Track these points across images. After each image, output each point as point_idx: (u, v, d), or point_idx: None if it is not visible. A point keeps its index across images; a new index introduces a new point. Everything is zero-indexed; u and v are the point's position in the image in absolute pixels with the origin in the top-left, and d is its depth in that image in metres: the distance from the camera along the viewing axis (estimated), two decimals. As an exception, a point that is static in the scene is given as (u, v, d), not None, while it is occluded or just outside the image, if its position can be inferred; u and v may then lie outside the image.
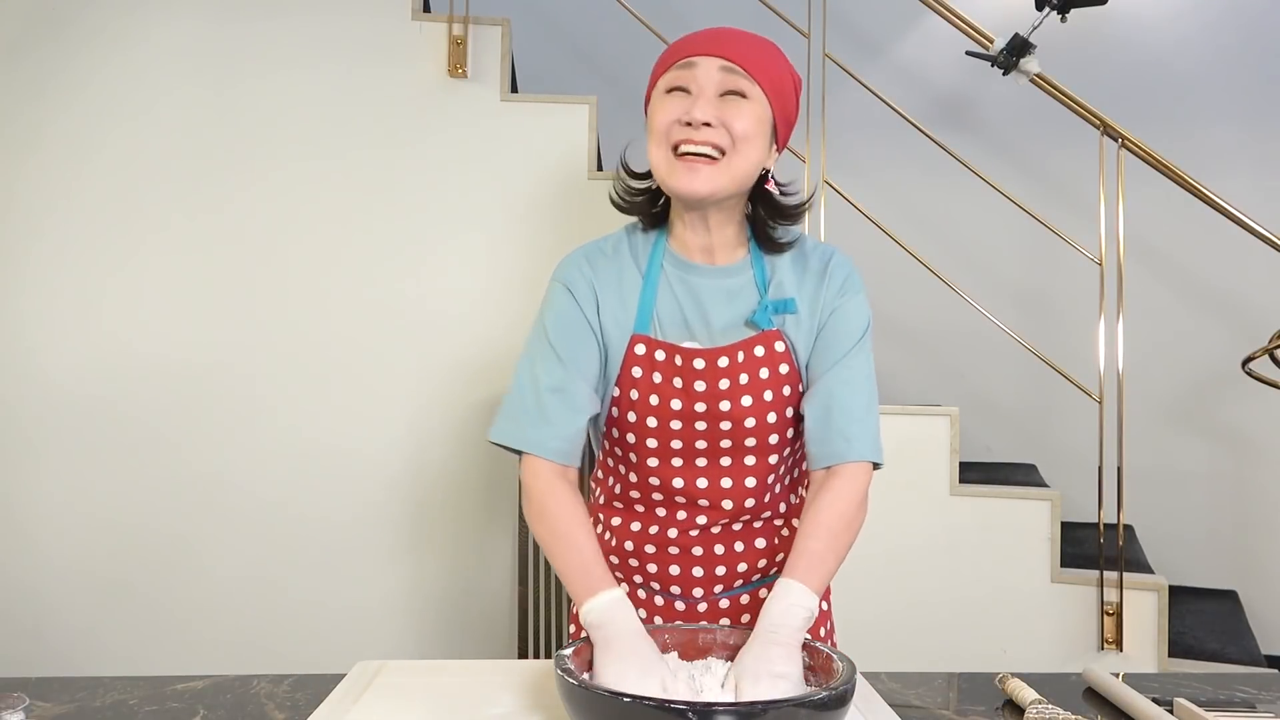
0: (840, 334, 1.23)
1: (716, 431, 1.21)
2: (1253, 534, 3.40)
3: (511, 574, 2.55)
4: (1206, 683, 1.22)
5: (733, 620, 1.27)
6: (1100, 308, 2.59)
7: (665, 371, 1.20)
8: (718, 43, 1.16)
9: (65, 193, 2.58)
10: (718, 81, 1.15)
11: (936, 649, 2.50)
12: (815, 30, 2.70)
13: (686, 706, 0.85)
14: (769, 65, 1.18)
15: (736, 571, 1.27)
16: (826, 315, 1.24)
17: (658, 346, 1.21)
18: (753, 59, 1.16)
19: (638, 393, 1.21)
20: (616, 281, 1.24)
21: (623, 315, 1.23)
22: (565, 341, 1.21)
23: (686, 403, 1.20)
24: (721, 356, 1.19)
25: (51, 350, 2.57)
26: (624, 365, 1.22)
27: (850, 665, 0.97)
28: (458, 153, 2.59)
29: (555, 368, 1.20)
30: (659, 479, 1.24)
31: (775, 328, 1.22)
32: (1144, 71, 3.54)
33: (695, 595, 1.27)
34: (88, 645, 2.56)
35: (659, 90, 1.19)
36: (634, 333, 1.22)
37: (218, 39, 2.60)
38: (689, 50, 1.17)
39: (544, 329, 1.23)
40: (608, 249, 1.27)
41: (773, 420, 1.21)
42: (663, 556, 1.27)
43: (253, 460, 2.58)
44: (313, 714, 1.03)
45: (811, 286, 1.24)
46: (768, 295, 1.23)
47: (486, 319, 2.59)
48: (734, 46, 1.16)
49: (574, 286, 1.23)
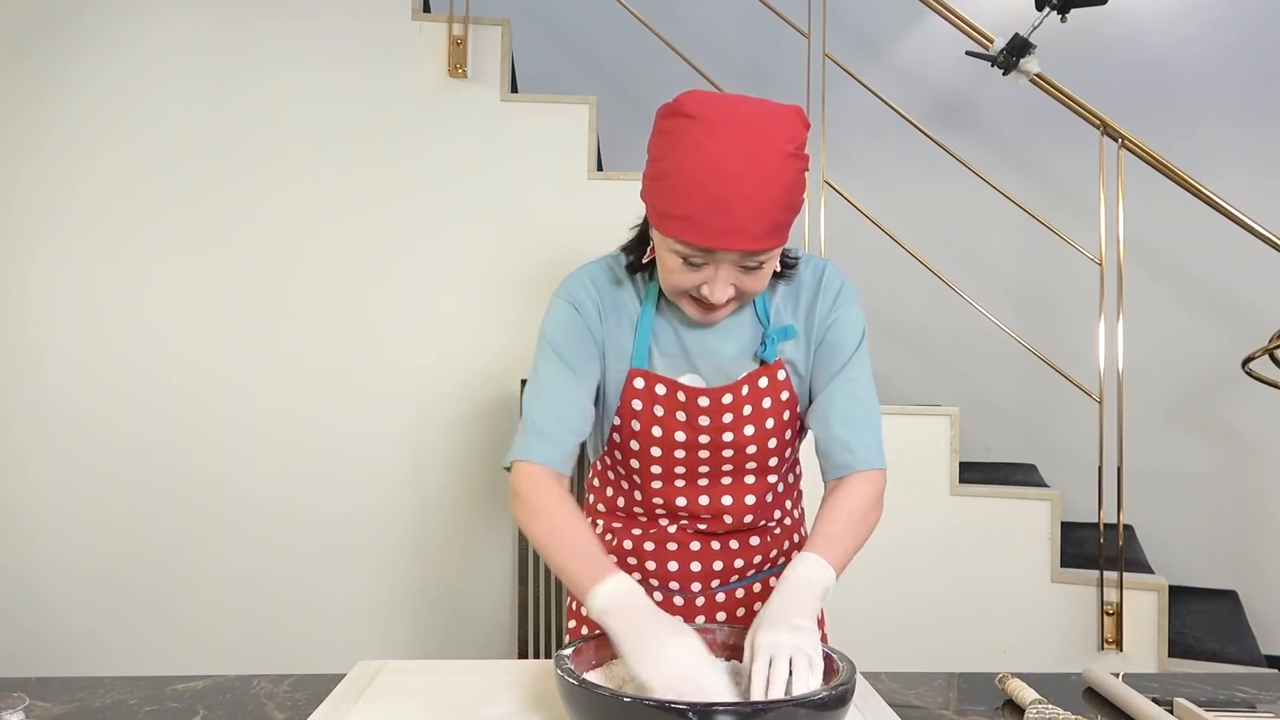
0: (838, 347, 1.24)
1: (719, 457, 1.23)
2: (1253, 534, 3.40)
3: (511, 574, 2.55)
4: (1206, 683, 1.22)
5: (729, 615, 1.29)
6: (1100, 308, 2.59)
7: (667, 405, 1.21)
8: (739, 234, 1.05)
9: (65, 195, 2.58)
10: (736, 261, 1.09)
11: (936, 649, 2.50)
12: (815, 30, 2.70)
13: (687, 706, 0.85)
14: (789, 218, 1.10)
15: (733, 568, 1.30)
16: (824, 331, 1.24)
17: (658, 381, 1.21)
18: (774, 232, 1.08)
19: (639, 424, 1.23)
20: (618, 306, 1.24)
21: (623, 342, 1.23)
22: (571, 349, 1.21)
23: (690, 434, 1.22)
24: (725, 394, 1.21)
25: (53, 351, 2.57)
26: (623, 398, 1.23)
27: (850, 665, 0.97)
28: (458, 153, 2.59)
29: (560, 373, 1.20)
30: (662, 498, 1.27)
31: (779, 359, 1.23)
32: (1144, 71, 3.54)
33: (693, 590, 1.29)
34: (89, 645, 2.56)
35: (669, 245, 1.10)
36: (632, 366, 1.22)
37: (218, 40, 2.60)
38: (706, 239, 1.06)
39: (549, 343, 1.22)
40: (611, 272, 1.26)
41: (773, 445, 1.24)
42: (661, 554, 1.29)
43: (253, 460, 2.58)
44: (313, 714, 1.03)
45: (806, 302, 1.25)
46: (770, 326, 1.23)
47: (486, 319, 2.59)
48: (757, 231, 1.06)
49: (580, 304, 1.23)
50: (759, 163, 1.04)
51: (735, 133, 1.04)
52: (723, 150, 1.04)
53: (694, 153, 1.05)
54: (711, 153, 1.04)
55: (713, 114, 1.05)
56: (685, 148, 1.06)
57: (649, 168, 1.12)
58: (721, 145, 1.04)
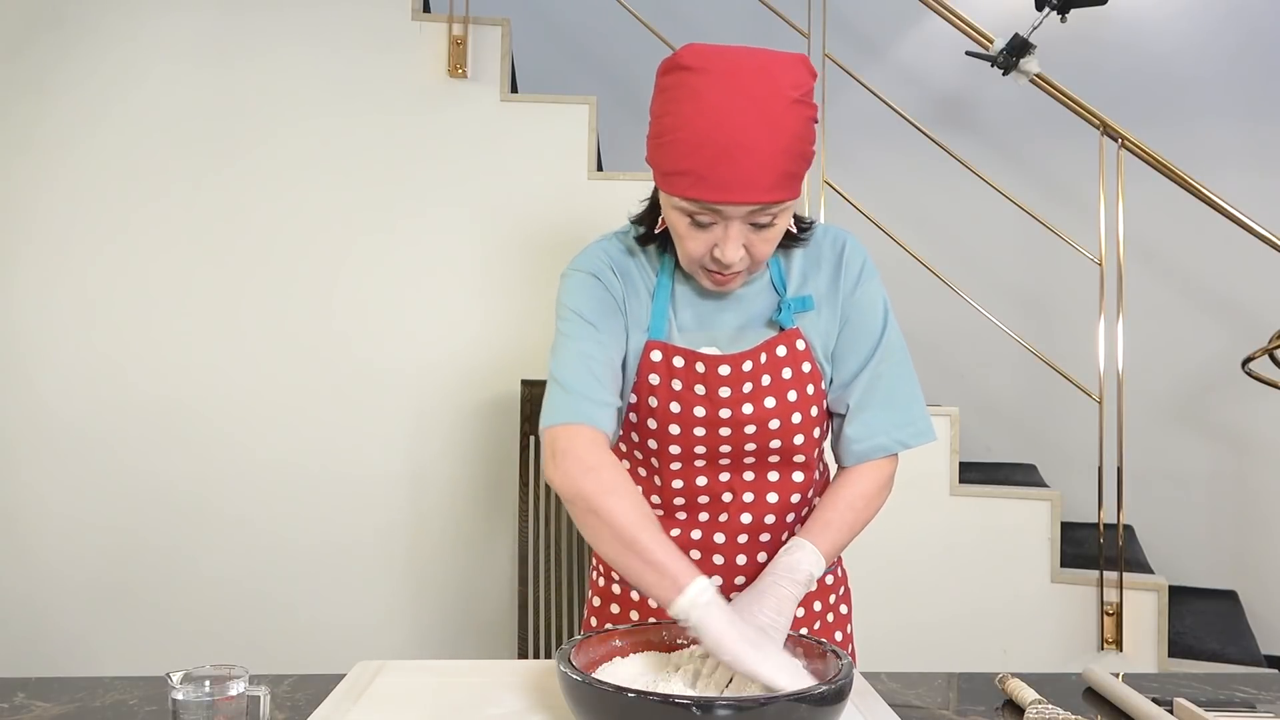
0: (865, 329, 1.22)
1: (741, 435, 1.19)
2: (1253, 534, 3.40)
3: (511, 574, 2.55)
4: (1206, 683, 1.22)
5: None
6: (1100, 308, 2.59)
7: (685, 378, 1.18)
8: (749, 185, 1.03)
9: (58, 195, 2.57)
10: (746, 216, 1.07)
11: (936, 649, 2.50)
12: (815, 30, 2.70)
13: (690, 702, 0.85)
14: (799, 168, 1.06)
15: (755, 578, 1.27)
16: (848, 309, 1.22)
17: (676, 353, 1.18)
18: (784, 183, 1.05)
19: (657, 400, 1.19)
20: (635, 277, 1.22)
21: (641, 314, 1.21)
22: (598, 315, 1.18)
23: (710, 409, 1.18)
24: (745, 361, 1.18)
25: (46, 357, 2.56)
26: (640, 372, 1.19)
27: (847, 661, 0.97)
28: (457, 153, 2.59)
29: (590, 340, 1.16)
30: (682, 481, 1.22)
31: (796, 326, 1.21)
32: (1144, 71, 3.54)
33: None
34: (85, 651, 2.55)
35: (675, 202, 1.08)
36: (649, 338, 1.20)
37: (214, 40, 2.60)
38: (714, 193, 1.03)
39: (572, 311, 1.18)
40: (623, 245, 1.24)
41: (797, 420, 1.20)
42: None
43: (251, 462, 2.57)
44: (313, 714, 1.02)
45: (827, 277, 1.23)
46: (787, 293, 1.21)
47: (486, 320, 2.59)
48: (765, 182, 1.03)
49: (600, 274, 1.21)
50: (763, 109, 1.00)
51: (736, 81, 1.01)
52: (724, 99, 1.00)
53: (694, 104, 1.02)
54: (712, 103, 1.01)
55: (712, 64, 1.02)
56: (685, 100, 1.03)
57: (651, 127, 1.09)
58: (722, 95, 1.01)
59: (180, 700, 0.92)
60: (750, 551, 1.24)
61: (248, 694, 0.95)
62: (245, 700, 0.95)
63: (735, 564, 1.25)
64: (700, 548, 1.25)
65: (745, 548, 1.24)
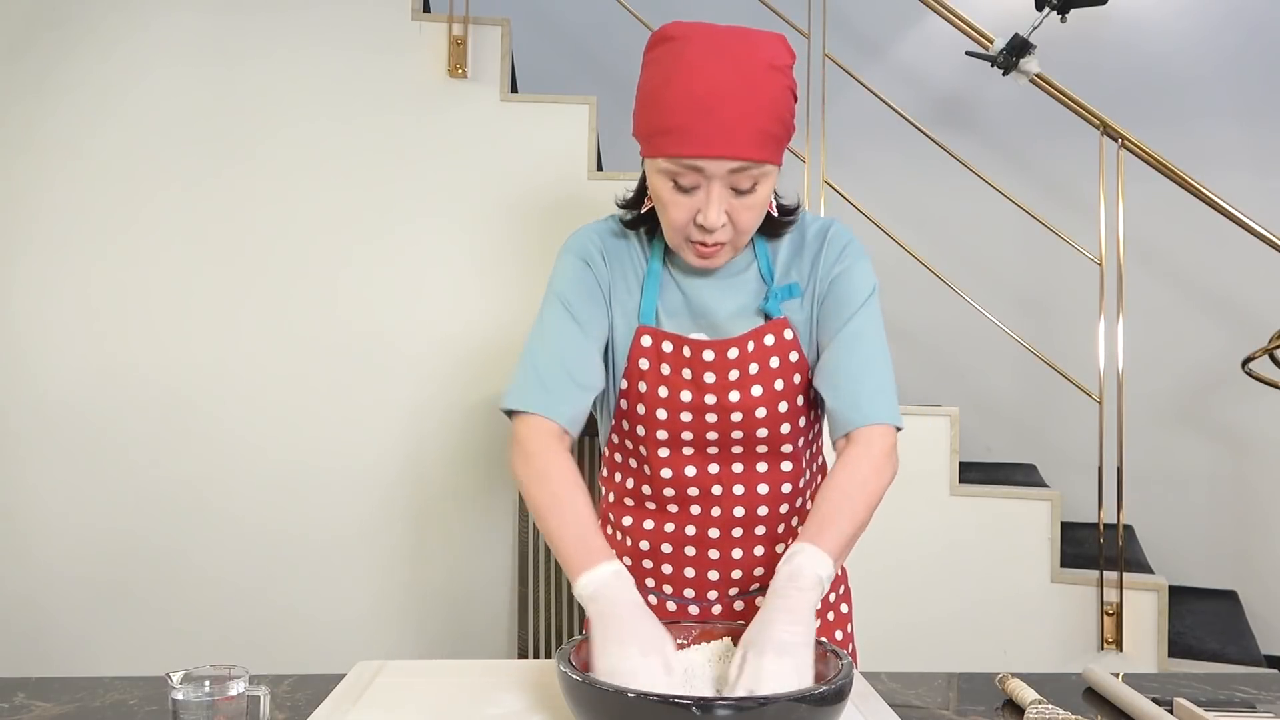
0: (843, 300, 1.21)
1: (727, 423, 1.20)
2: (1253, 534, 3.40)
3: (511, 574, 2.55)
4: (1206, 683, 1.22)
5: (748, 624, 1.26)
6: (1100, 308, 2.59)
7: (674, 363, 1.20)
8: (728, 139, 1.05)
9: (59, 194, 2.57)
10: (727, 178, 1.08)
11: (936, 649, 2.50)
12: (815, 30, 2.70)
13: (690, 702, 0.85)
14: (778, 131, 1.09)
15: (753, 575, 1.26)
16: (826, 285, 1.22)
17: (665, 338, 1.20)
18: (763, 142, 1.07)
19: (646, 385, 1.21)
20: (625, 263, 1.25)
21: (629, 301, 1.23)
22: (580, 304, 1.21)
23: (696, 394, 1.19)
24: (731, 348, 1.19)
25: (46, 354, 2.56)
26: (630, 357, 1.21)
27: (847, 661, 0.97)
28: (457, 153, 2.59)
29: (569, 328, 1.19)
30: (671, 470, 1.23)
31: (784, 315, 1.21)
32: (1144, 71, 3.54)
33: (710, 598, 1.26)
34: (86, 650, 2.55)
35: (659, 166, 1.10)
36: (639, 324, 1.21)
37: (216, 39, 2.60)
38: (694, 147, 1.06)
39: (557, 296, 1.22)
40: (617, 228, 1.27)
41: (784, 410, 1.20)
42: (678, 557, 1.25)
43: (251, 462, 2.57)
44: (313, 714, 1.02)
45: (809, 257, 1.23)
46: (774, 283, 1.22)
47: (485, 320, 2.59)
48: (743, 137, 1.06)
49: (589, 259, 1.24)
50: (741, 69, 1.06)
51: (717, 44, 1.07)
52: (704, 60, 1.06)
53: (676, 65, 1.07)
54: (693, 63, 1.06)
55: (694, 33, 1.08)
56: (668, 64, 1.08)
57: (636, 100, 1.13)
58: (703, 56, 1.06)
59: (180, 700, 0.92)
60: (746, 545, 1.24)
61: (248, 694, 0.95)
62: (245, 700, 0.95)
63: (731, 558, 1.25)
64: (694, 543, 1.24)
65: (740, 541, 1.24)
